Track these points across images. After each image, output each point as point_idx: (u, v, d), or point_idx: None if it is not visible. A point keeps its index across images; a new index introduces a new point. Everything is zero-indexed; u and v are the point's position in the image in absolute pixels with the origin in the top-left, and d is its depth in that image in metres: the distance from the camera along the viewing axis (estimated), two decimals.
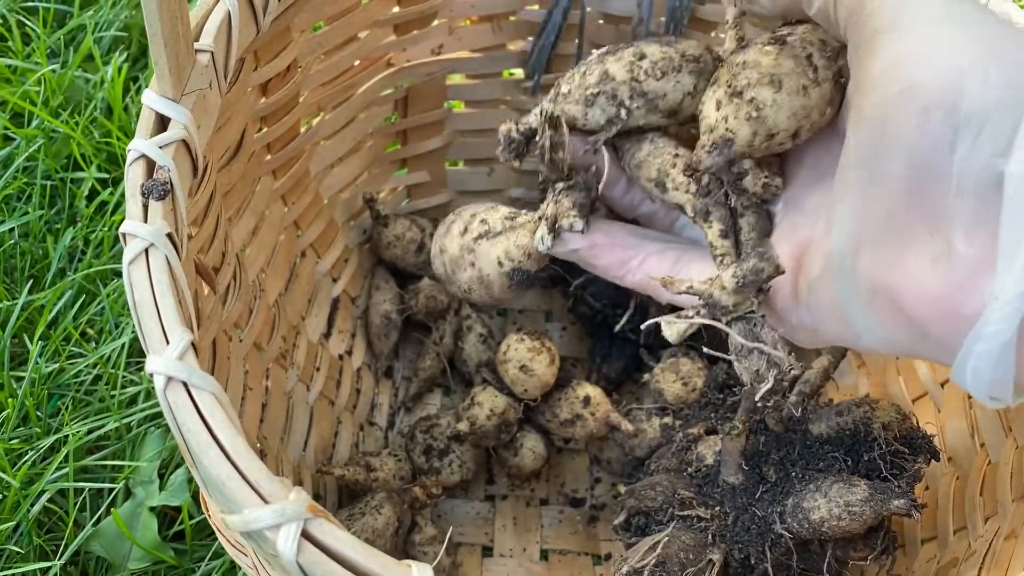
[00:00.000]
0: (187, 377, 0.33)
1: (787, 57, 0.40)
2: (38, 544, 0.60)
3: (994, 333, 0.32)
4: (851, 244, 0.36)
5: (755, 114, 0.40)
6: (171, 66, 0.41)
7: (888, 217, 0.35)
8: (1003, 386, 0.33)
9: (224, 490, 0.31)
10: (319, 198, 0.68)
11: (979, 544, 0.47)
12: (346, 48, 0.63)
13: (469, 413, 0.64)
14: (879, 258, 0.35)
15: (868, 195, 0.35)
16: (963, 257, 0.33)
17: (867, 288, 0.36)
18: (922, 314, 0.35)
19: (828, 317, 0.40)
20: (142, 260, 0.37)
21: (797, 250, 0.42)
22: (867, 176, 0.35)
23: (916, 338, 0.36)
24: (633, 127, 0.46)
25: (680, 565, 0.49)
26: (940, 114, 0.32)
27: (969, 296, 0.33)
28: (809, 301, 0.41)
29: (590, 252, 0.48)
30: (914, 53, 0.33)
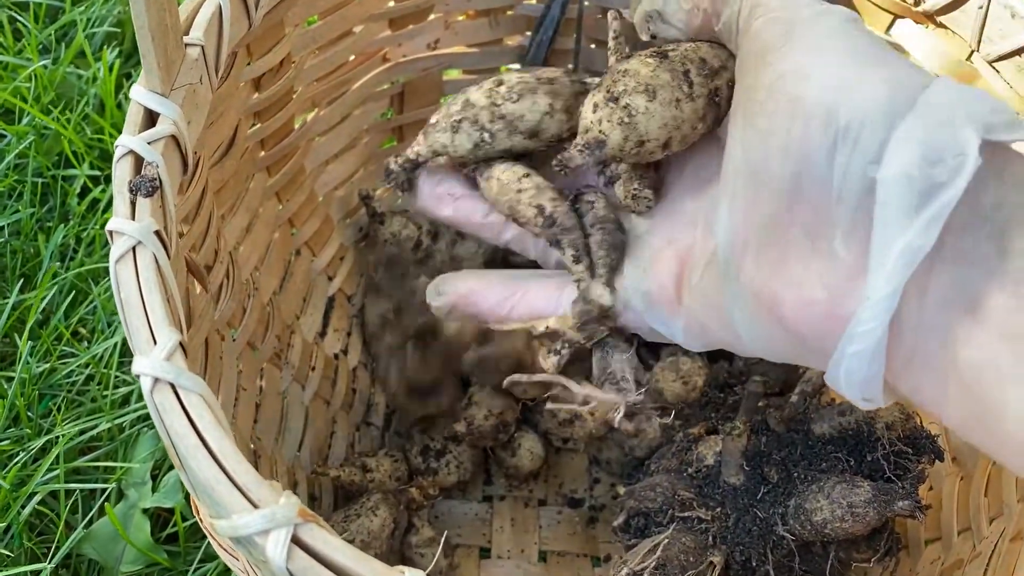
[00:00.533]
0: (174, 378, 0.32)
1: (665, 70, 0.42)
2: (29, 547, 0.59)
3: (866, 332, 0.33)
4: (735, 249, 0.38)
5: (627, 120, 0.42)
6: (159, 60, 0.40)
7: (771, 223, 0.36)
8: (874, 385, 0.34)
9: (212, 494, 0.30)
10: (314, 195, 0.68)
11: (984, 545, 0.47)
12: (340, 43, 0.62)
13: (466, 413, 0.63)
14: (762, 263, 0.37)
15: (752, 201, 0.37)
16: (841, 262, 0.34)
17: (750, 292, 0.38)
18: (800, 319, 0.36)
19: (713, 321, 0.41)
20: (129, 258, 0.36)
21: (679, 255, 0.43)
22: (752, 183, 0.37)
23: (795, 344, 0.38)
24: (501, 150, 0.48)
25: (680, 567, 0.49)
26: (821, 124, 0.34)
27: (845, 299, 0.34)
28: (692, 305, 0.42)
29: (468, 300, 0.49)
30: (800, 67, 0.35)
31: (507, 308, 0.48)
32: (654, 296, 0.44)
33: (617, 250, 0.45)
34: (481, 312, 0.49)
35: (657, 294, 0.44)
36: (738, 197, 0.38)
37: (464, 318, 0.51)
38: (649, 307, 0.44)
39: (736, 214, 0.38)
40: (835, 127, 0.34)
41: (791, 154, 0.35)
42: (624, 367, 0.46)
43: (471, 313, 0.49)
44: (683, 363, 0.64)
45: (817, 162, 0.34)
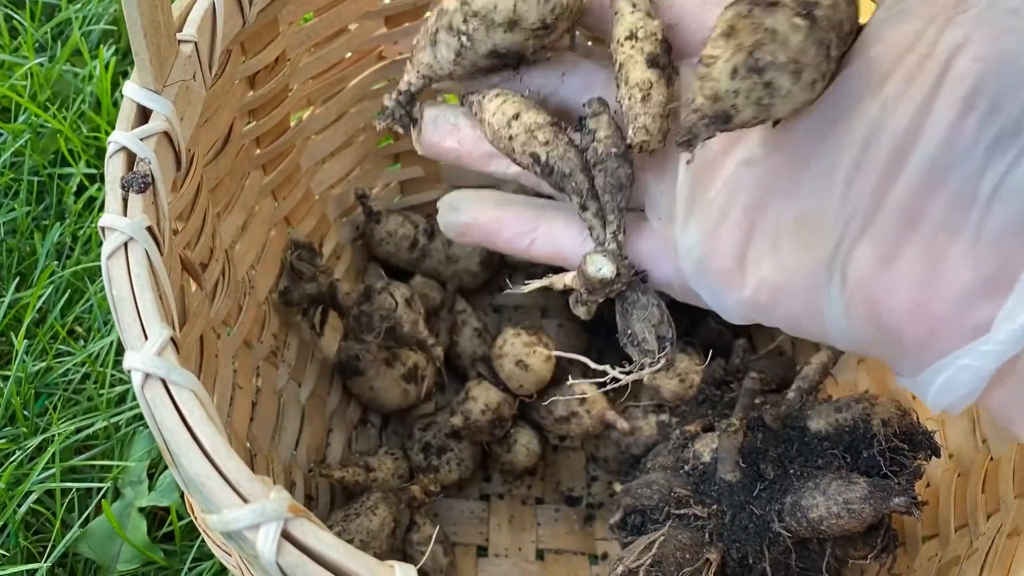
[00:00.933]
0: (165, 373, 0.32)
1: (813, 43, 0.36)
2: (25, 546, 0.59)
3: (993, 352, 0.31)
4: (851, 229, 0.34)
5: (767, 101, 0.36)
6: (152, 56, 0.40)
7: (902, 209, 0.33)
8: (966, 402, 0.33)
9: (203, 489, 0.30)
10: (310, 193, 0.67)
11: (981, 542, 0.46)
12: (336, 40, 0.62)
13: (463, 407, 0.63)
14: (878, 251, 0.33)
15: (884, 181, 0.33)
16: (978, 269, 0.31)
17: (855, 279, 0.34)
18: (908, 319, 0.33)
19: (790, 299, 0.37)
20: (121, 254, 0.36)
21: (752, 221, 0.37)
22: (889, 161, 0.33)
23: (887, 341, 0.35)
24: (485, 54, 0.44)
25: (676, 565, 0.48)
26: (981, 115, 0.30)
27: (972, 310, 0.32)
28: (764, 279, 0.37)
29: (486, 227, 0.45)
30: (968, 44, 0.31)
31: (527, 242, 0.44)
32: (709, 263, 0.39)
33: (622, 190, 0.40)
34: (498, 243, 0.45)
35: (714, 261, 0.39)
36: (869, 173, 0.33)
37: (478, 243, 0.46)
38: (699, 273, 0.40)
39: (861, 191, 0.33)
40: (1001, 123, 0.30)
41: (942, 140, 0.31)
42: (645, 328, 0.41)
43: (488, 242, 0.45)
44: (680, 361, 0.64)
45: (970, 156, 0.31)
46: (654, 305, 0.41)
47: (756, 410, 0.54)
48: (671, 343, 0.41)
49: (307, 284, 0.63)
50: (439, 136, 0.47)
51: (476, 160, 0.47)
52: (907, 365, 0.35)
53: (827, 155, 0.35)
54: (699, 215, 0.39)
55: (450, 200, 0.47)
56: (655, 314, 0.41)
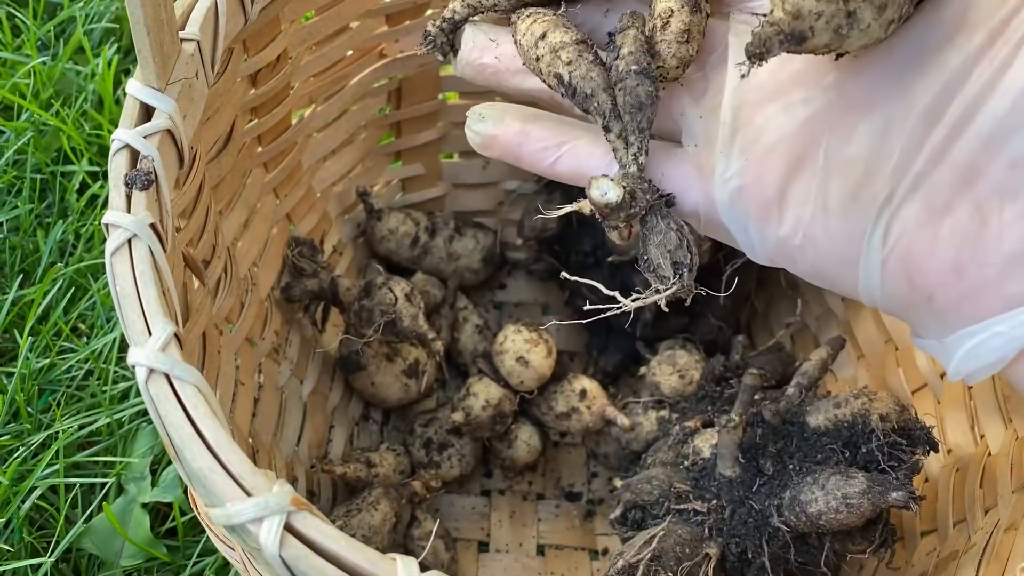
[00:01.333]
0: (169, 369, 0.32)
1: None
2: (29, 541, 0.59)
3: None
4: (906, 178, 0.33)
5: (846, 30, 0.34)
6: (155, 55, 0.40)
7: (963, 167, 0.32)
8: (990, 370, 0.33)
9: (206, 483, 0.30)
10: (312, 191, 0.68)
11: (979, 536, 0.47)
12: (337, 38, 0.62)
13: (464, 404, 0.63)
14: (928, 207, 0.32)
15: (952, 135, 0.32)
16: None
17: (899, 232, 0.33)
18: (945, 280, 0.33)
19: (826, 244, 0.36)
20: (125, 251, 0.36)
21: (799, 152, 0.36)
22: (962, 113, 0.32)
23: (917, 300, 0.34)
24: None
25: (676, 559, 0.49)
26: None
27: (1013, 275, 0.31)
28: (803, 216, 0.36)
29: (511, 139, 0.43)
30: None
31: (552, 157, 0.42)
32: (746, 193, 0.37)
33: (643, 109, 0.38)
34: (522, 157, 0.43)
35: (753, 192, 0.37)
36: (937, 127, 0.32)
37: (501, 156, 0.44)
38: (734, 204, 0.38)
39: (924, 145, 0.32)
40: None
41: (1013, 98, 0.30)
42: (660, 253, 0.39)
43: (512, 155, 0.43)
44: (680, 357, 0.64)
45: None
46: (673, 230, 0.39)
47: (755, 406, 0.54)
48: (688, 269, 0.39)
49: (308, 280, 0.63)
50: (477, 52, 0.45)
51: (513, 76, 0.45)
52: (933, 327, 0.34)
53: (895, 103, 0.34)
54: (743, 142, 0.37)
55: (478, 109, 0.45)
56: (672, 239, 0.39)
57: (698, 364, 0.64)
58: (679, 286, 0.39)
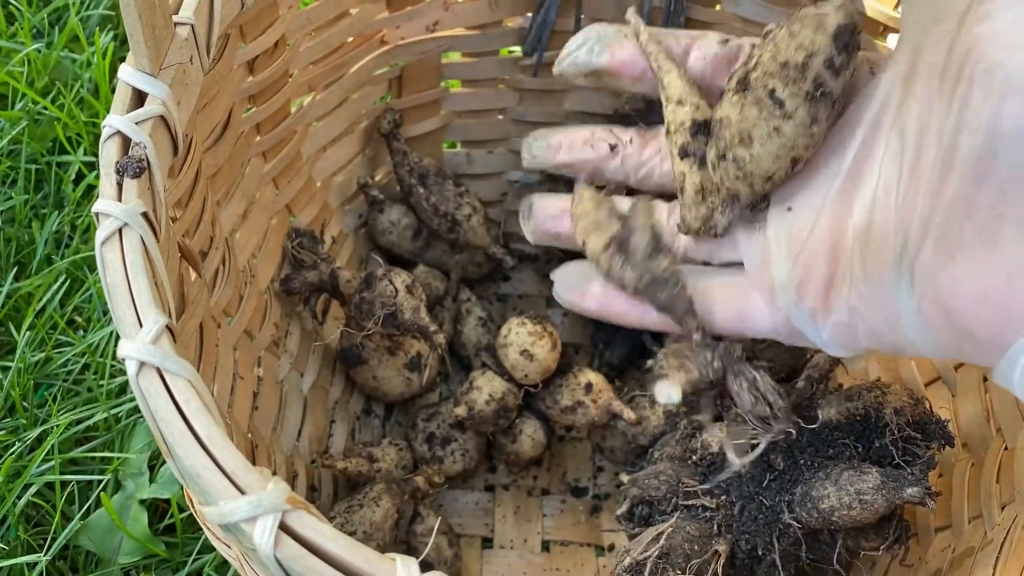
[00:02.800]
0: (160, 362, 0.31)
1: (751, 105, 0.42)
2: (25, 539, 0.58)
3: None
4: (913, 230, 0.35)
5: (741, 173, 0.43)
6: (147, 39, 0.39)
7: (957, 203, 0.33)
8: None
9: (199, 481, 0.29)
10: (312, 181, 0.67)
11: (996, 533, 0.45)
12: (337, 25, 0.61)
13: (467, 398, 0.62)
14: (941, 247, 0.34)
15: (937, 178, 0.34)
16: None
17: (924, 279, 0.35)
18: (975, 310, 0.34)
19: (874, 314, 0.38)
20: (115, 240, 0.35)
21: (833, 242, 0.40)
22: (939, 157, 0.34)
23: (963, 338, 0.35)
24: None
25: (684, 556, 0.48)
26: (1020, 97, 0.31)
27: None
28: (849, 297, 0.39)
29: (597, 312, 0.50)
30: (1003, 31, 0.32)
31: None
32: (803, 291, 0.41)
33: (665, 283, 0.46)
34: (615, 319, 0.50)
35: (807, 288, 0.41)
36: (922, 172, 0.35)
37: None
38: (797, 306, 0.41)
39: (918, 191, 0.35)
40: None
41: (983, 129, 0.32)
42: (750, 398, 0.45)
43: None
44: (687, 350, 0.63)
45: (1014, 140, 0.31)
46: (751, 378, 0.45)
47: None
48: (774, 418, 0.45)
49: (308, 272, 0.62)
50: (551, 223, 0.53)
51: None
52: (986, 358, 0.35)
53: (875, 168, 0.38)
54: (787, 249, 0.42)
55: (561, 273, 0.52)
56: (747, 400, 0.45)
57: None
58: (772, 434, 0.45)
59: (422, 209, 0.69)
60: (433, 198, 0.68)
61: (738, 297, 0.45)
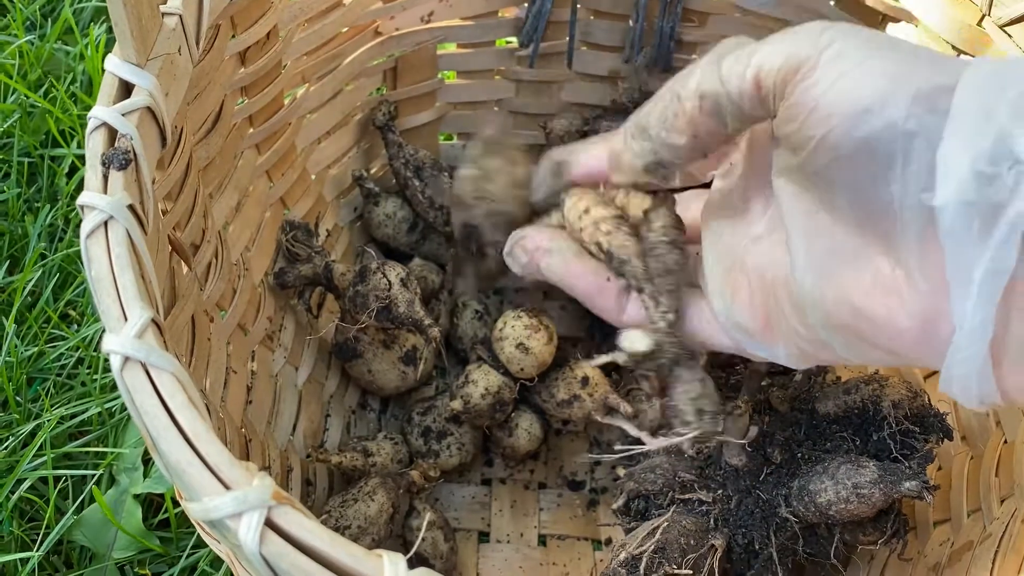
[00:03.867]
0: (145, 356, 0.31)
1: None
2: (18, 534, 0.58)
3: (967, 358, 0.32)
4: (816, 278, 0.36)
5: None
6: (133, 29, 0.39)
7: (848, 255, 0.35)
8: (990, 394, 0.33)
9: (183, 476, 0.29)
10: (306, 174, 0.66)
11: (995, 527, 0.45)
12: (330, 15, 0.60)
13: (463, 391, 0.61)
14: (843, 293, 0.35)
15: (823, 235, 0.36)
16: (922, 288, 0.33)
17: (837, 324, 0.36)
18: (896, 345, 0.35)
19: (813, 347, 0.39)
20: (101, 233, 0.34)
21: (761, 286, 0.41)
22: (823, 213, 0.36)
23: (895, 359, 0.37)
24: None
25: (681, 551, 0.47)
26: (868, 150, 0.33)
27: (937, 323, 0.33)
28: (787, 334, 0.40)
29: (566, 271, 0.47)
30: (837, 92, 0.33)
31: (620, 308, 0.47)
32: (748, 328, 0.42)
33: (672, 273, 0.44)
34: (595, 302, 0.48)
35: (750, 325, 0.41)
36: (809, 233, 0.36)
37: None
38: (746, 337, 0.42)
39: (811, 249, 0.36)
40: (880, 152, 0.32)
41: (847, 183, 0.34)
42: (683, 400, 0.45)
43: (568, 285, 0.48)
44: None
45: (873, 189, 0.33)
46: (697, 380, 0.45)
47: (763, 392, 0.53)
48: (712, 416, 0.45)
49: (302, 266, 0.62)
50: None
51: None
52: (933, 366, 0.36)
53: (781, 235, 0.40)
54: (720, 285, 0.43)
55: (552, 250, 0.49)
56: (695, 388, 0.45)
57: None
58: (701, 429, 0.44)
59: (418, 202, 0.68)
60: (429, 191, 0.67)
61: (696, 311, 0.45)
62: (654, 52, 0.68)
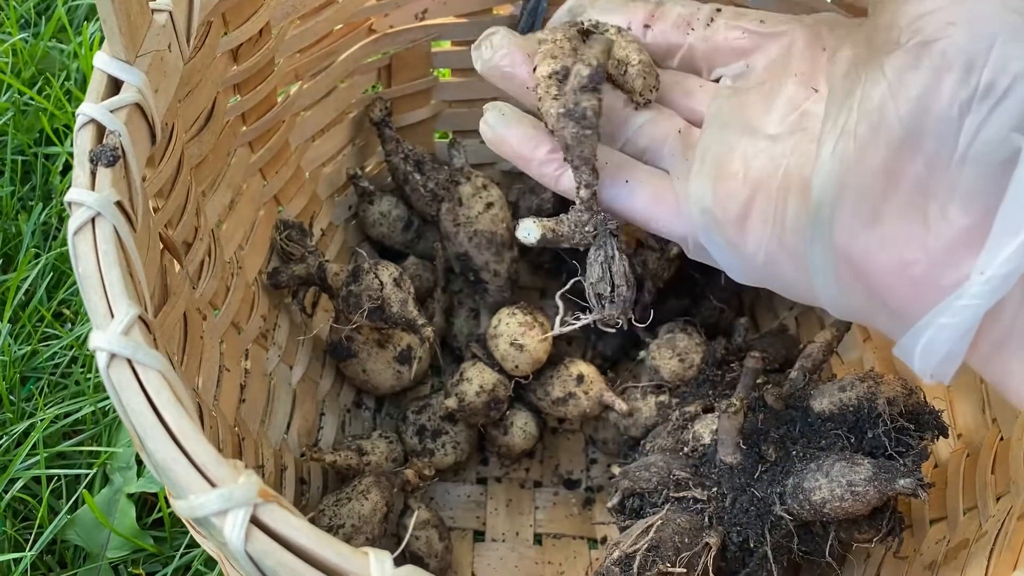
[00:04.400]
0: (131, 353, 0.30)
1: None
2: (11, 534, 0.58)
3: (965, 307, 0.31)
4: (832, 193, 0.35)
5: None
6: (121, 25, 0.38)
7: (880, 173, 0.34)
8: (952, 363, 0.33)
9: (170, 474, 0.29)
10: (300, 172, 0.66)
11: (990, 524, 0.45)
12: (323, 12, 0.60)
13: (458, 389, 0.61)
14: (859, 214, 0.34)
15: (864, 146, 0.34)
16: (951, 227, 0.32)
17: (840, 243, 0.35)
18: (889, 280, 0.34)
19: (783, 261, 0.39)
20: (88, 230, 0.34)
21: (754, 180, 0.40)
22: (868, 126, 0.34)
23: (873, 304, 0.36)
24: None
25: (675, 549, 0.47)
26: (955, 77, 0.31)
27: (946, 267, 0.32)
28: (761, 238, 0.39)
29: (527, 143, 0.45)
30: (940, 10, 0.32)
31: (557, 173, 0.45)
32: (716, 216, 0.40)
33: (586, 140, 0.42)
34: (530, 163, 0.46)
35: (720, 216, 0.40)
36: (849, 138, 0.35)
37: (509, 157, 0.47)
38: (708, 226, 0.41)
39: (842, 156, 0.35)
40: (975, 83, 0.31)
41: (916, 103, 0.32)
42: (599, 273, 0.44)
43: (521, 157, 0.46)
44: (680, 340, 0.62)
45: (944, 117, 0.32)
46: (599, 263, 0.43)
47: (758, 390, 0.53)
48: (609, 301, 0.43)
49: (296, 265, 0.61)
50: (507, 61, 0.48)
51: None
52: (896, 329, 0.35)
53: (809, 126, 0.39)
54: (711, 169, 0.41)
55: (499, 105, 0.47)
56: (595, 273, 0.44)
57: (699, 347, 0.62)
58: (598, 317, 0.44)
59: (419, 196, 0.68)
60: (431, 184, 0.67)
61: (656, 191, 0.44)
62: None
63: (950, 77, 0.31)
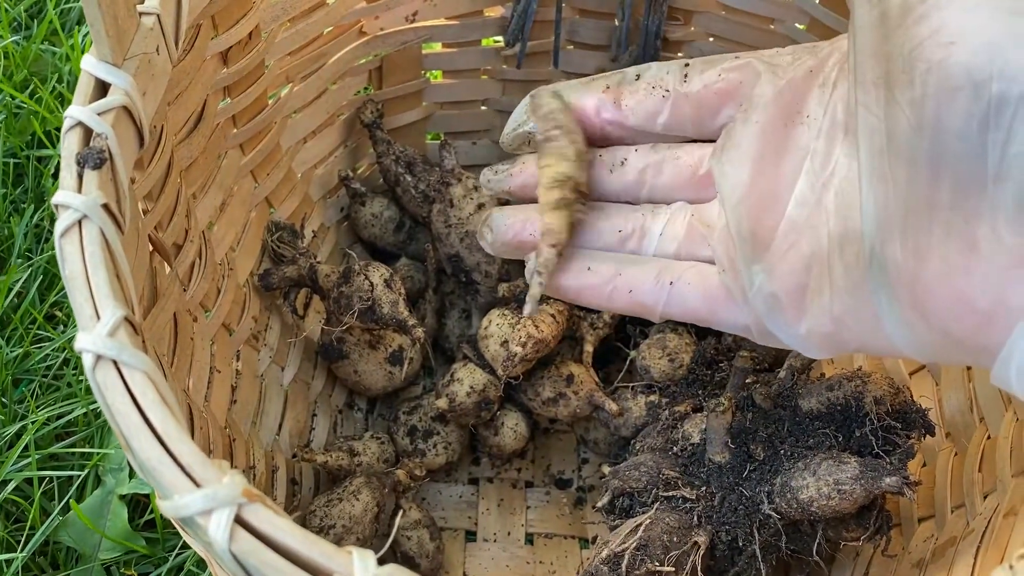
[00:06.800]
0: (117, 355, 0.31)
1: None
2: (3, 535, 0.58)
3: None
4: (881, 234, 0.34)
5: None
6: (108, 28, 0.38)
7: (918, 204, 0.33)
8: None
9: (155, 474, 0.29)
10: (292, 174, 0.66)
11: (978, 522, 0.45)
12: (313, 15, 0.60)
13: (448, 390, 0.61)
14: (909, 249, 0.33)
15: (896, 180, 0.33)
16: (1005, 247, 0.31)
17: (898, 283, 0.34)
18: (952, 312, 0.33)
19: (854, 321, 0.37)
20: (75, 233, 0.34)
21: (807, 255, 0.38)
22: (896, 160, 0.33)
23: (946, 342, 0.34)
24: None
25: (663, 548, 0.47)
26: (967, 95, 0.30)
27: (1008, 289, 0.31)
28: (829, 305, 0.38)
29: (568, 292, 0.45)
30: (937, 32, 0.31)
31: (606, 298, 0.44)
32: (781, 301, 0.39)
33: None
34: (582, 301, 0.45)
35: (784, 299, 0.39)
36: (882, 176, 0.34)
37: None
38: (772, 311, 0.40)
39: (880, 195, 0.34)
40: (987, 97, 0.30)
41: (932, 127, 0.31)
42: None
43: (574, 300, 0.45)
44: (670, 340, 0.62)
45: (963, 136, 0.31)
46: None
47: (747, 389, 0.53)
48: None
49: (287, 267, 0.61)
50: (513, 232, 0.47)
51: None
52: (982, 360, 0.34)
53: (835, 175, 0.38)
54: (757, 254, 0.40)
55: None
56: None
57: (688, 347, 0.62)
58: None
59: (410, 197, 0.68)
60: (422, 185, 0.67)
61: (708, 288, 0.42)
62: (640, 51, 0.68)
63: (962, 96, 0.31)
